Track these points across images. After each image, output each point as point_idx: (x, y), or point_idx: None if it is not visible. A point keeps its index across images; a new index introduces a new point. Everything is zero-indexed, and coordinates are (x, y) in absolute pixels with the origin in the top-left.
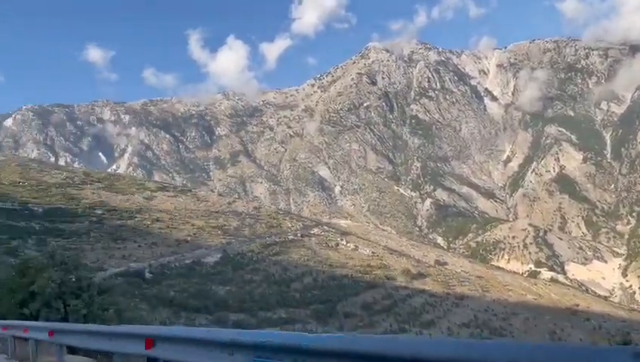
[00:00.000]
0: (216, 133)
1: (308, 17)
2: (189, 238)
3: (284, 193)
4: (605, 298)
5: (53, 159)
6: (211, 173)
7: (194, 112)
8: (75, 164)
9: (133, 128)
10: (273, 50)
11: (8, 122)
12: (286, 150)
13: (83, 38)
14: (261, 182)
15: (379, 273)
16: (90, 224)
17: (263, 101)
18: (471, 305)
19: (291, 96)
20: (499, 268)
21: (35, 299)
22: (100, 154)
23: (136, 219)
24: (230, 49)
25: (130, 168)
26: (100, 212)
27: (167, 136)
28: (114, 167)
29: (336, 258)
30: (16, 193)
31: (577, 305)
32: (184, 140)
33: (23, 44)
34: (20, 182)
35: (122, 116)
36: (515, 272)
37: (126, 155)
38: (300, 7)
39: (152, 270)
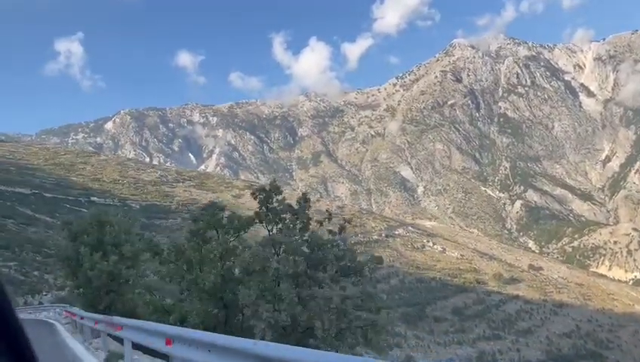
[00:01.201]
0: (299, 133)
1: (390, 16)
2: None
3: (365, 193)
4: None
5: (148, 159)
6: (294, 173)
7: (277, 114)
8: (167, 165)
9: (221, 130)
10: (355, 50)
11: (109, 125)
12: (367, 150)
13: (174, 44)
14: (342, 182)
15: (469, 277)
16: (182, 221)
17: (344, 101)
18: (572, 314)
19: (373, 96)
20: (601, 275)
21: None
22: (190, 154)
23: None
24: (312, 50)
25: (218, 168)
26: (192, 208)
27: (252, 137)
28: (202, 166)
29: (422, 260)
30: (115, 190)
31: None
32: (268, 141)
33: (121, 51)
34: (119, 180)
35: (210, 118)
36: (619, 280)
37: (214, 156)
38: (381, 6)
39: None
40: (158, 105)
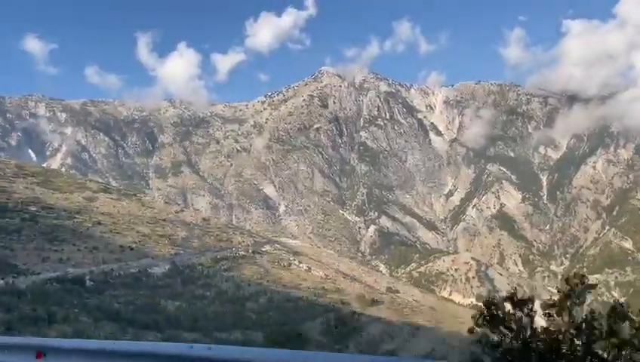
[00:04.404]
0: (159, 140)
1: (262, 35)
2: (133, 245)
3: (226, 208)
4: None
5: None
6: (150, 181)
7: (137, 117)
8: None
9: (70, 127)
10: (225, 62)
11: None
12: (232, 164)
13: (22, 26)
14: (203, 195)
15: (334, 297)
16: (21, 221)
17: (210, 112)
18: (428, 337)
19: (240, 110)
20: (449, 299)
21: None
22: (30, 151)
23: (76, 220)
24: (181, 56)
25: (63, 169)
26: (33, 209)
27: (107, 139)
28: (44, 165)
29: (289, 278)
30: None
31: None
32: (124, 145)
33: None
34: None
35: (58, 114)
36: (465, 305)
37: (59, 155)
38: (255, 24)
39: (94, 277)
40: None
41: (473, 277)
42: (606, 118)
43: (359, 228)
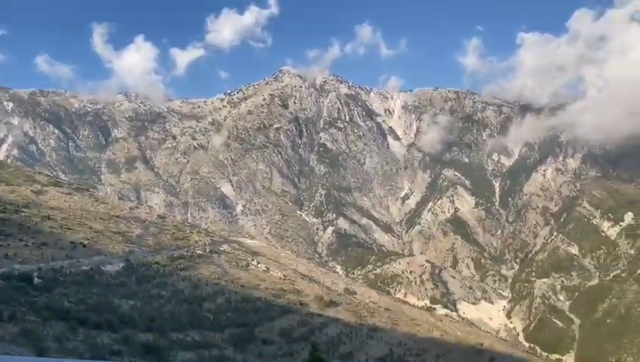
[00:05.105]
0: (113, 134)
1: (224, 31)
2: (85, 242)
3: (181, 206)
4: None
5: None
6: (103, 177)
7: (90, 110)
8: None
9: (17, 118)
10: (184, 57)
11: None
12: (188, 162)
13: None
14: (158, 192)
15: (292, 298)
16: None
17: (167, 108)
18: (385, 338)
19: (199, 107)
20: (404, 301)
21: None
22: None
23: (23, 214)
24: (138, 49)
25: (8, 161)
26: None
27: (57, 131)
28: None
29: (247, 278)
30: None
31: (482, 344)
32: (75, 138)
33: None
34: None
35: (5, 103)
36: (420, 307)
37: (4, 146)
38: (216, 20)
39: (42, 274)
40: None
41: (427, 280)
42: (556, 127)
43: (317, 229)
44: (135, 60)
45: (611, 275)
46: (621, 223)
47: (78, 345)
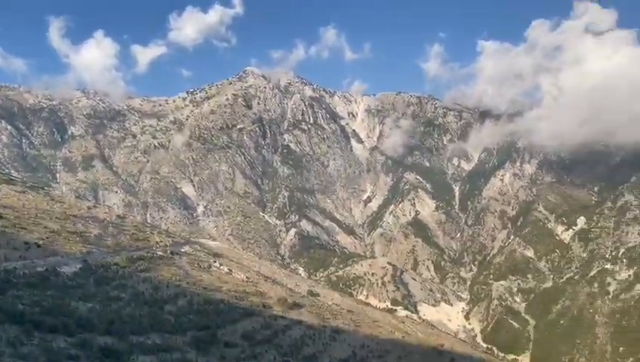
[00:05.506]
0: (70, 132)
1: (187, 29)
2: (40, 242)
3: (140, 206)
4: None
5: None
6: (58, 175)
7: (45, 106)
8: None
9: None
10: (146, 54)
11: None
12: (148, 161)
13: None
14: (116, 192)
15: (255, 300)
16: None
17: (127, 106)
18: (347, 340)
19: (160, 105)
20: (366, 303)
21: None
22: None
23: None
24: (97, 44)
25: None
26: None
27: (9, 127)
28: None
29: (209, 280)
30: None
31: (442, 345)
32: (29, 135)
33: None
34: None
35: None
36: (382, 309)
37: None
38: (179, 18)
39: None
40: None
41: (389, 282)
42: (514, 134)
43: (279, 231)
44: (94, 56)
45: (565, 278)
46: (574, 227)
47: (33, 349)
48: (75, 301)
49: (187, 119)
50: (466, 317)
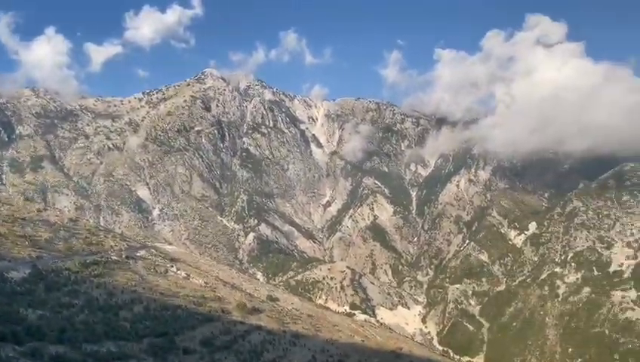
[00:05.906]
0: (17, 131)
1: (144, 29)
2: None
3: (93, 209)
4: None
5: None
6: (4, 176)
7: None
8: None
9: None
10: (100, 53)
11: None
12: (102, 163)
13: None
14: (67, 194)
15: (214, 305)
16: None
17: (80, 105)
18: (307, 345)
19: (115, 106)
20: (325, 307)
21: None
22: None
23: None
24: (48, 41)
25: None
26: None
27: None
28: None
29: (166, 286)
30: None
31: (401, 349)
32: None
33: None
34: None
35: None
36: (341, 313)
37: None
38: (135, 17)
39: None
40: None
41: (348, 286)
42: (469, 141)
43: (238, 235)
44: (45, 53)
45: (517, 281)
46: (526, 232)
47: None
48: (25, 308)
49: (143, 120)
50: (423, 321)
